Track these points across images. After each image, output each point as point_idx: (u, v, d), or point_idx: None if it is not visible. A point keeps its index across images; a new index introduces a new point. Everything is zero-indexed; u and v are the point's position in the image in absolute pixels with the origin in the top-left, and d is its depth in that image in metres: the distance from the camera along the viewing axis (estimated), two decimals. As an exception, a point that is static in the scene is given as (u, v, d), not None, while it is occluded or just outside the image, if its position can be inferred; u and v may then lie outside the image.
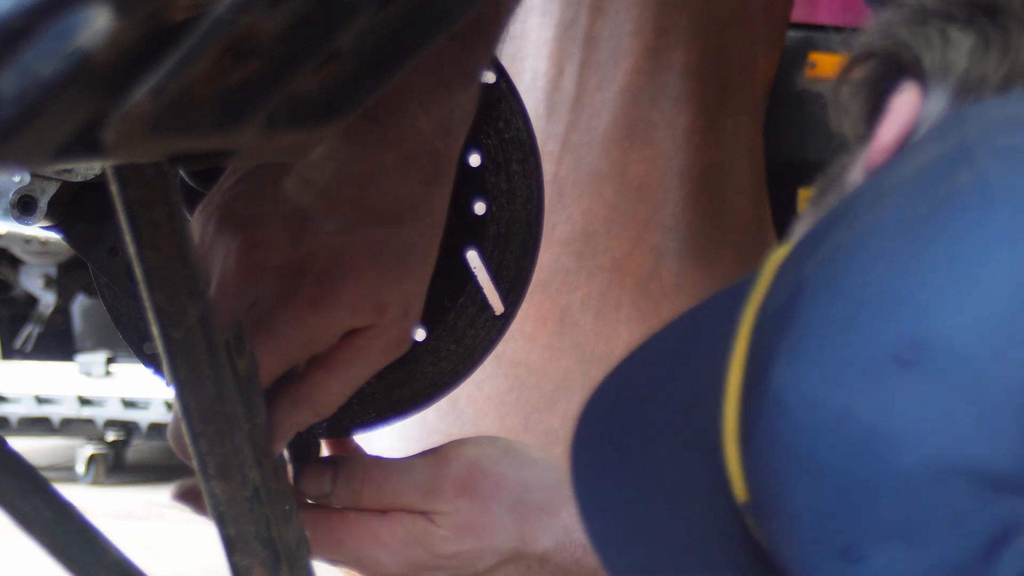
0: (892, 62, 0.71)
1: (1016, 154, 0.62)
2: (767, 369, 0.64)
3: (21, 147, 0.48)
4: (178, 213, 0.72)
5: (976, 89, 0.68)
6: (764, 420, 0.63)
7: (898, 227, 0.62)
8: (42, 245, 4.92)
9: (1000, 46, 0.68)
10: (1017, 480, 0.59)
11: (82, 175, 0.93)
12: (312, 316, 0.83)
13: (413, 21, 0.70)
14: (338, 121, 0.69)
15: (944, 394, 0.59)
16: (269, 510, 0.80)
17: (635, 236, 1.47)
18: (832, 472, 0.61)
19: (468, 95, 0.90)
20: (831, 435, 0.61)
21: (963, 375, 0.59)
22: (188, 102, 0.53)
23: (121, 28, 0.46)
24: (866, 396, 0.60)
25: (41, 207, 0.94)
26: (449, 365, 0.96)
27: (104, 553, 0.85)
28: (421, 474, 0.91)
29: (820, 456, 0.61)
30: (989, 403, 0.59)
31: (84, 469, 5.12)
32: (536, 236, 0.97)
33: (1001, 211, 0.60)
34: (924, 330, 0.60)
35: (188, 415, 0.76)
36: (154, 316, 0.73)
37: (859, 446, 0.60)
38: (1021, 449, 0.59)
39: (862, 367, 0.61)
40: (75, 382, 5.13)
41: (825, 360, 0.62)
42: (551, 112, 1.49)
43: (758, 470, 0.65)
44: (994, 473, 0.59)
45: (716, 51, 1.49)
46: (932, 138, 0.67)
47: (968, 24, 0.69)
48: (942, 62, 0.69)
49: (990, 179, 0.61)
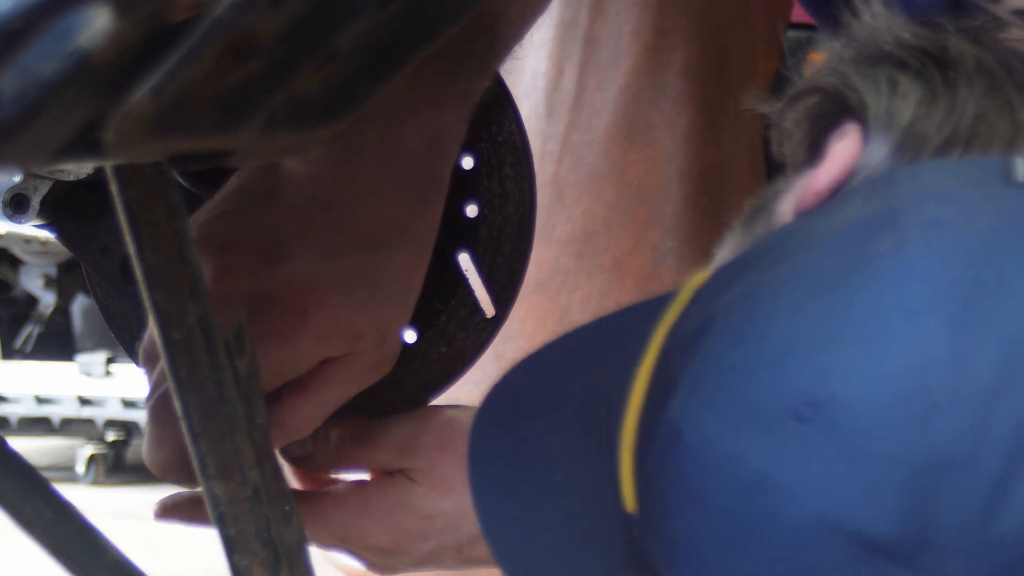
0: (837, 100, 0.72)
1: (940, 229, 0.62)
2: (669, 394, 0.65)
3: (21, 147, 0.48)
4: (178, 213, 0.72)
5: (916, 147, 0.68)
6: (659, 446, 0.65)
7: (814, 281, 0.63)
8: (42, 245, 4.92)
9: (946, 105, 0.69)
10: (892, 546, 0.60)
11: (75, 174, 0.93)
12: (279, 348, 0.82)
13: (413, 21, 0.70)
14: (338, 121, 0.69)
15: (834, 455, 0.61)
16: (269, 510, 0.80)
17: (635, 236, 1.47)
18: (717, 511, 0.62)
19: (460, 115, 0.89)
20: (721, 475, 0.62)
21: (854, 440, 0.60)
22: (188, 102, 0.53)
23: (121, 28, 0.46)
24: (759, 444, 0.62)
25: (33, 206, 0.94)
26: (440, 367, 0.96)
27: (104, 553, 0.85)
28: (399, 431, 0.91)
29: (707, 493, 0.63)
30: (875, 471, 0.60)
31: (84, 469, 5.12)
32: (528, 240, 0.97)
33: (915, 287, 0.61)
34: (823, 390, 0.61)
35: (188, 415, 0.76)
36: (154, 316, 0.73)
37: (746, 491, 0.62)
38: (899, 518, 0.60)
39: (759, 416, 0.62)
40: (75, 382, 5.13)
41: (725, 402, 0.63)
42: (551, 112, 1.49)
43: (648, 490, 0.66)
44: (871, 537, 0.60)
45: (716, 51, 1.49)
46: (863, 193, 0.67)
47: (918, 76, 0.70)
48: (887, 111, 0.69)
49: (910, 251, 0.62)
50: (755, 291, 0.65)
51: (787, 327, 0.62)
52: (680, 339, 0.67)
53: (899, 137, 0.69)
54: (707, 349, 0.64)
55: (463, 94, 0.89)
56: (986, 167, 0.66)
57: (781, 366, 0.62)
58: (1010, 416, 0.60)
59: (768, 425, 0.61)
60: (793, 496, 0.61)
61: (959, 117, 0.68)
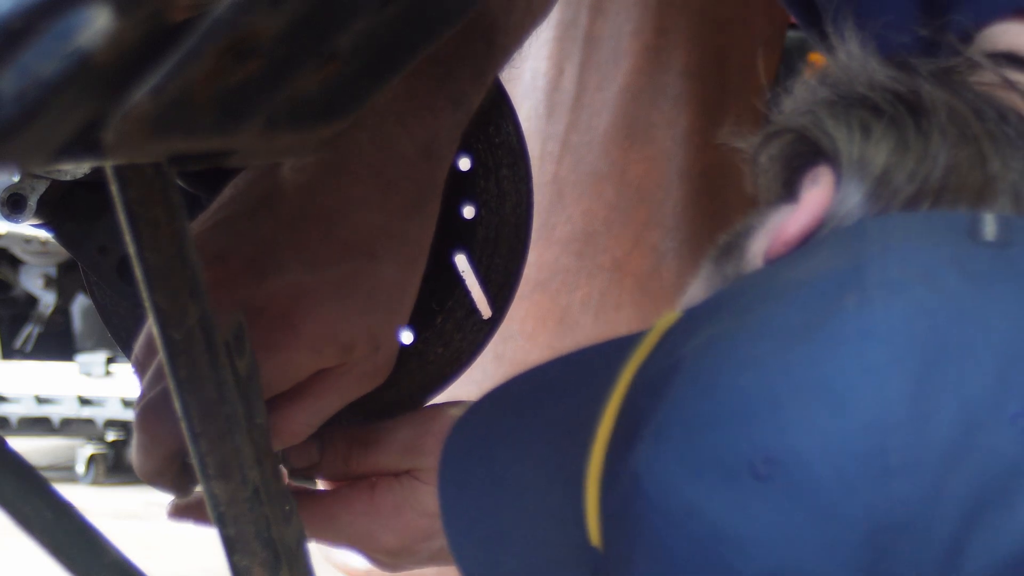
0: (810, 142, 0.72)
1: (904, 289, 0.63)
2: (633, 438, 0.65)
3: (21, 147, 0.48)
4: (178, 213, 0.72)
5: (887, 196, 0.68)
6: (621, 491, 0.65)
7: (778, 334, 0.63)
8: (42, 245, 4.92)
9: (918, 153, 0.69)
10: None
11: (72, 173, 0.93)
12: (271, 359, 0.82)
13: (413, 21, 0.70)
14: (338, 121, 0.69)
15: (790, 512, 0.61)
16: (269, 510, 0.80)
17: (635, 236, 1.47)
18: (676, 559, 0.63)
19: (454, 120, 0.89)
20: (680, 525, 0.62)
21: (812, 499, 0.61)
22: (188, 102, 0.53)
23: (121, 28, 0.46)
24: (717, 498, 0.62)
25: (31, 205, 0.94)
26: (436, 368, 0.96)
27: (104, 553, 0.85)
28: (404, 433, 0.91)
29: (667, 542, 0.63)
30: (832, 529, 0.60)
31: (84, 469, 5.12)
32: (525, 241, 0.97)
33: (876, 348, 0.61)
34: (782, 448, 0.61)
35: (188, 415, 0.76)
36: (154, 316, 0.73)
37: (702, 543, 0.62)
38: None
39: (718, 469, 0.62)
40: (75, 382, 5.13)
41: (685, 453, 0.63)
42: (551, 112, 1.49)
43: (611, 530, 0.66)
44: None
45: (716, 51, 1.49)
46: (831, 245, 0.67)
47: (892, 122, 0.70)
48: (860, 158, 0.69)
49: (873, 311, 0.62)
50: (721, 340, 0.65)
51: (750, 380, 0.63)
52: (646, 381, 0.67)
53: (871, 186, 0.69)
54: (670, 397, 0.65)
55: (457, 100, 0.89)
56: (955, 223, 0.66)
57: (742, 420, 0.62)
58: (967, 479, 0.60)
59: (726, 479, 0.62)
60: (749, 551, 0.61)
61: (930, 167, 0.68)
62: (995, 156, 0.68)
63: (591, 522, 0.68)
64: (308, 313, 0.83)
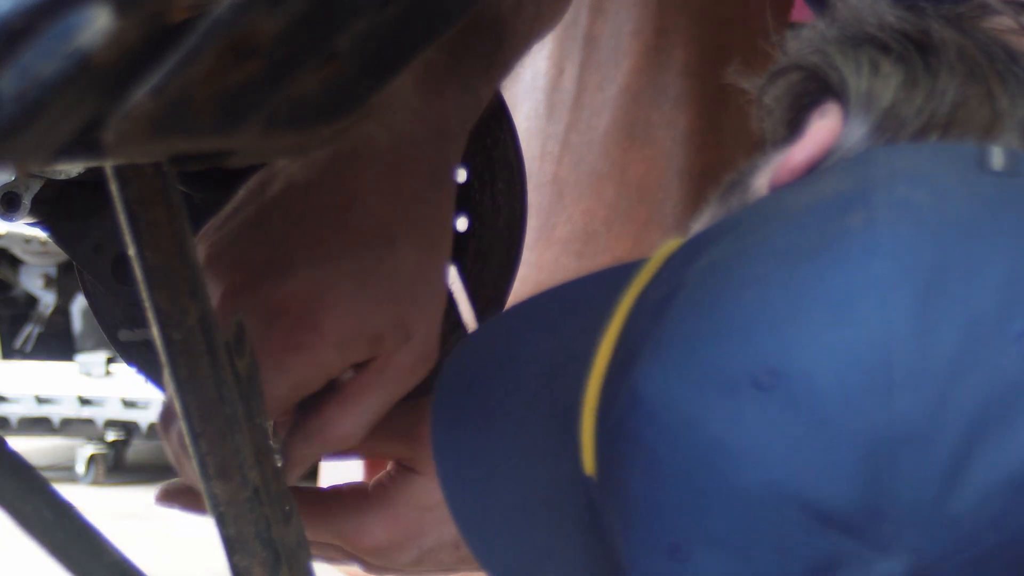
0: (819, 78, 0.72)
1: (911, 209, 0.63)
2: (634, 358, 0.65)
3: (21, 147, 0.48)
4: (178, 213, 0.72)
5: (894, 129, 0.68)
6: (620, 407, 0.65)
7: (783, 254, 0.64)
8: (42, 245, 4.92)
9: (926, 90, 0.69)
10: (845, 518, 0.61)
11: (66, 172, 0.92)
12: (294, 359, 0.81)
13: (413, 21, 0.70)
14: (338, 121, 0.69)
15: (792, 424, 0.61)
16: (269, 510, 0.80)
17: (635, 236, 1.47)
18: (673, 473, 0.63)
19: (464, 105, 0.89)
20: (678, 438, 0.62)
21: (814, 410, 0.61)
22: (188, 102, 0.53)
23: (121, 28, 0.46)
24: (718, 409, 0.62)
25: (25, 204, 0.94)
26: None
27: (104, 553, 0.85)
28: (400, 423, 0.90)
29: (664, 455, 0.63)
30: (833, 441, 0.60)
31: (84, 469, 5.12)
32: (516, 257, 0.96)
33: (881, 263, 0.61)
34: (785, 359, 0.61)
35: (188, 415, 0.76)
36: (154, 316, 0.73)
37: (702, 455, 0.62)
38: (854, 490, 0.60)
39: (719, 381, 0.62)
40: (75, 382, 5.13)
41: (686, 366, 0.63)
42: (551, 112, 1.49)
43: (606, 452, 0.66)
44: (825, 508, 0.61)
45: (716, 51, 1.49)
46: (838, 171, 0.68)
47: (900, 59, 0.70)
48: (868, 92, 0.70)
49: (879, 229, 0.62)
50: (724, 261, 0.65)
51: (754, 297, 0.63)
52: (647, 306, 0.67)
53: (878, 119, 0.69)
54: (672, 315, 0.64)
55: (467, 87, 0.89)
56: (962, 153, 0.66)
57: (745, 334, 0.62)
58: (970, 394, 0.60)
59: (728, 391, 0.62)
60: (749, 462, 0.61)
61: (938, 103, 0.68)
62: (1004, 94, 0.69)
63: (586, 452, 0.67)
64: (330, 308, 0.82)
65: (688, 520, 0.62)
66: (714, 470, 0.62)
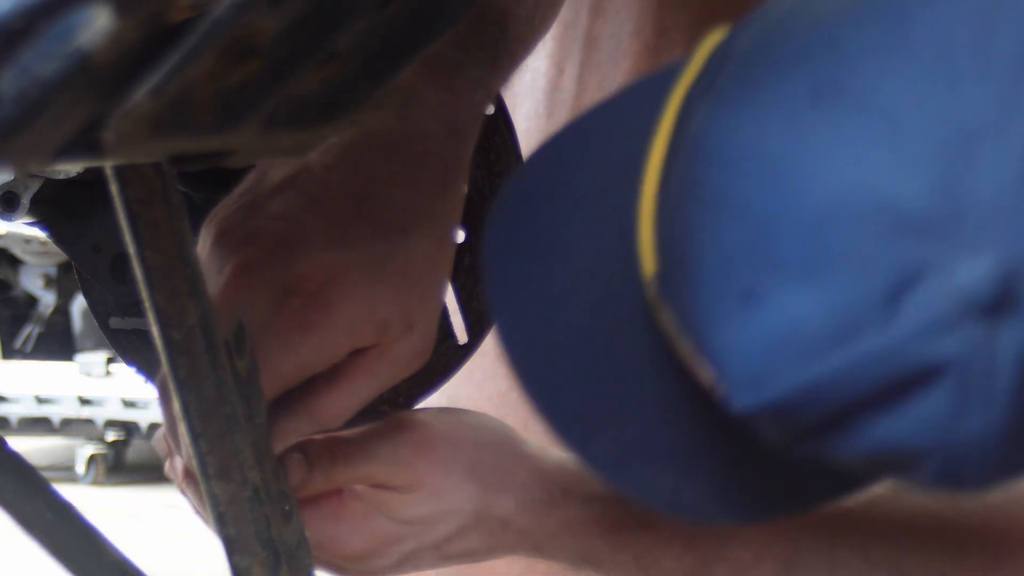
0: None
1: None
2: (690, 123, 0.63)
3: (21, 147, 0.48)
4: (178, 213, 0.72)
5: None
6: (680, 162, 0.63)
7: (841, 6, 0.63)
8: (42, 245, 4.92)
9: None
10: (926, 222, 0.59)
11: (65, 172, 0.92)
12: (304, 339, 0.81)
13: (413, 21, 0.70)
14: (338, 121, 0.69)
15: (859, 129, 0.59)
16: (269, 510, 0.80)
17: (635, 236, 1.47)
18: (739, 206, 0.61)
19: (475, 101, 0.89)
20: (740, 167, 0.61)
21: (880, 112, 0.59)
22: (188, 102, 0.53)
23: (121, 28, 0.46)
24: (778, 128, 0.60)
25: (24, 203, 0.93)
26: (404, 387, 0.95)
27: (104, 553, 0.85)
28: (383, 448, 0.89)
29: (728, 189, 0.61)
30: (902, 140, 0.59)
31: (84, 469, 5.13)
32: None
33: None
34: (846, 69, 0.60)
35: (188, 415, 0.76)
36: (154, 316, 0.74)
37: (766, 178, 0.60)
38: (931, 187, 0.58)
39: (780, 103, 0.60)
40: (75, 382, 5.14)
41: (744, 98, 0.61)
42: (551, 112, 1.49)
43: (669, 220, 0.64)
44: (903, 212, 0.59)
45: (716, 50, 1.49)
46: None
47: None
48: None
49: None
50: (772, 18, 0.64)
51: (804, 30, 0.61)
52: (697, 92, 0.66)
53: None
54: (725, 74, 0.63)
55: (476, 81, 0.89)
56: None
57: (798, 57, 0.61)
58: None
59: (790, 109, 0.60)
60: (815, 177, 0.59)
61: None
62: None
63: (645, 253, 0.66)
64: (342, 292, 0.82)
65: (760, 255, 0.60)
66: (779, 192, 0.60)
